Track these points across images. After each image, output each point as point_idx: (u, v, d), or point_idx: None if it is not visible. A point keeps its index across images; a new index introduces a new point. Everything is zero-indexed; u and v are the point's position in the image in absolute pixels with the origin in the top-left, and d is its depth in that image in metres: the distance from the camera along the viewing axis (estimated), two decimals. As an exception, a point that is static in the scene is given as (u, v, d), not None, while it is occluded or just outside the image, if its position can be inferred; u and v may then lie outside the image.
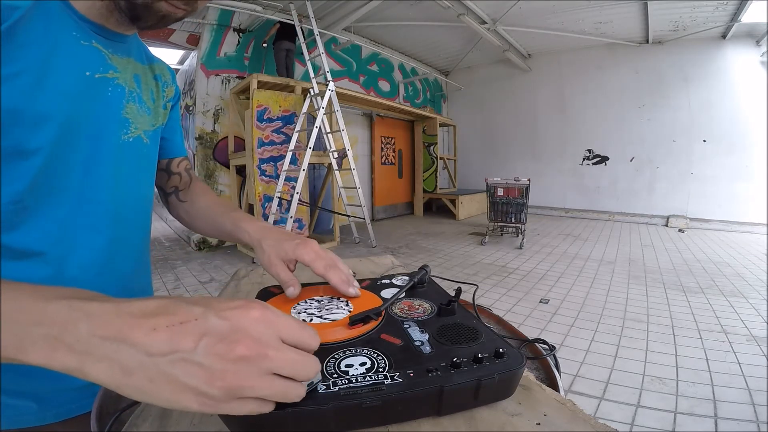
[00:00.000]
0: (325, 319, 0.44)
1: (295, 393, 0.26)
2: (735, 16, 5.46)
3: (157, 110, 0.60)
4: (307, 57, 4.57)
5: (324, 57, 4.52)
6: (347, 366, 0.34)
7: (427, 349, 0.38)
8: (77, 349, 0.23)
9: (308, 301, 0.50)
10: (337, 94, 4.75)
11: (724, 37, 6.19)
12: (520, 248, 4.78)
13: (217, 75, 5.07)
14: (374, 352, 0.37)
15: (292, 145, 4.23)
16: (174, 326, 0.23)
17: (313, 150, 4.23)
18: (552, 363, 0.63)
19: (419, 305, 0.50)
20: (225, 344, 0.24)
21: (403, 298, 0.52)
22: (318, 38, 4.56)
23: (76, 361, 0.23)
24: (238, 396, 0.24)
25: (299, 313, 0.46)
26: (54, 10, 0.43)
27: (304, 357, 0.27)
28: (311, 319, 0.45)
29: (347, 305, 0.48)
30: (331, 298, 0.51)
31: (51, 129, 0.43)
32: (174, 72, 0.67)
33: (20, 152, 0.41)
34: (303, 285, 0.57)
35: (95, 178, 0.49)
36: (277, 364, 0.25)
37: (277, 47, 5.00)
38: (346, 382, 0.32)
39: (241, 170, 5.10)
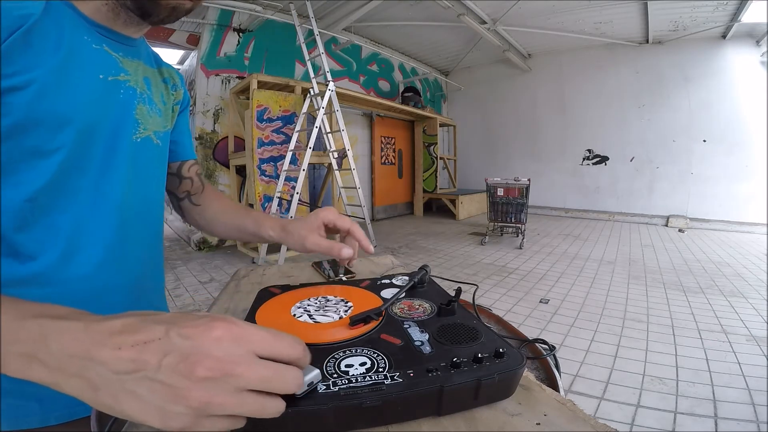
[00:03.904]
0: (326, 319, 0.44)
1: (273, 408, 0.26)
2: (735, 16, 5.46)
3: (167, 112, 0.61)
4: (307, 57, 4.56)
5: (324, 57, 4.52)
6: (347, 366, 0.34)
7: (427, 349, 0.38)
8: (50, 365, 0.24)
9: (308, 300, 0.50)
10: (337, 94, 4.74)
11: (724, 37, 6.19)
12: (520, 248, 4.78)
13: (217, 75, 5.07)
14: (374, 352, 0.37)
15: (292, 145, 4.23)
16: (137, 346, 0.24)
17: (313, 150, 4.22)
18: (552, 363, 0.63)
19: (419, 305, 0.50)
20: (186, 365, 0.23)
21: (403, 298, 0.52)
22: (318, 38, 4.56)
23: (50, 377, 0.24)
24: (207, 414, 0.23)
25: (300, 316, 0.46)
26: (65, 15, 0.43)
27: (278, 370, 0.26)
28: (313, 320, 0.45)
29: (347, 305, 0.48)
30: (331, 298, 0.51)
31: (71, 131, 0.44)
32: (183, 77, 0.68)
33: (40, 152, 0.42)
34: (302, 285, 0.57)
35: (109, 177, 0.49)
36: (247, 381, 0.24)
37: None
38: (346, 382, 0.32)
39: (241, 170, 5.10)
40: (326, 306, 0.48)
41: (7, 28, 0.37)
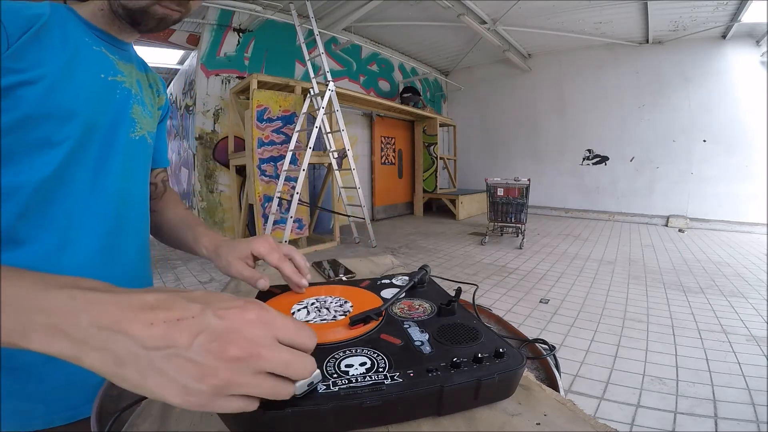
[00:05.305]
0: (325, 319, 0.44)
1: (286, 391, 0.27)
2: (735, 16, 5.46)
3: (155, 116, 0.64)
4: (307, 57, 4.56)
5: (324, 57, 4.52)
6: (347, 366, 0.34)
7: (427, 349, 0.38)
8: (75, 337, 0.23)
9: (308, 300, 0.50)
10: (337, 94, 4.74)
11: (724, 37, 6.19)
12: (520, 248, 4.78)
13: (217, 75, 5.07)
14: (374, 352, 0.37)
15: (292, 145, 4.23)
16: (171, 322, 0.24)
17: (313, 150, 4.22)
18: (552, 363, 0.63)
19: (419, 305, 0.50)
20: (219, 343, 0.24)
21: (403, 298, 0.52)
22: (318, 38, 4.56)
23: (73, 349, 0.23)
24: (226, 393, 0.24)
25: (299, 311, 0.46)
26: (68, 17, 0.47)
27: (298, 356, 0.27)
28: (313, 320, 0.45)
29: (347, 305, 0.48)
30: (332, 298, 0.51)
31: (77, 124, 0.47)
32: (165, 84, 0.71)
33: (50, 143, 0.45)
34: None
35: (105, 172, 0.52)
36: (270, 363, 0.25)
37: None
38: (346, 382, 0.32)
39: (241, 170, 5.10)
40: (326, 306, 0.48)
41: (21, 27, 0.41)
